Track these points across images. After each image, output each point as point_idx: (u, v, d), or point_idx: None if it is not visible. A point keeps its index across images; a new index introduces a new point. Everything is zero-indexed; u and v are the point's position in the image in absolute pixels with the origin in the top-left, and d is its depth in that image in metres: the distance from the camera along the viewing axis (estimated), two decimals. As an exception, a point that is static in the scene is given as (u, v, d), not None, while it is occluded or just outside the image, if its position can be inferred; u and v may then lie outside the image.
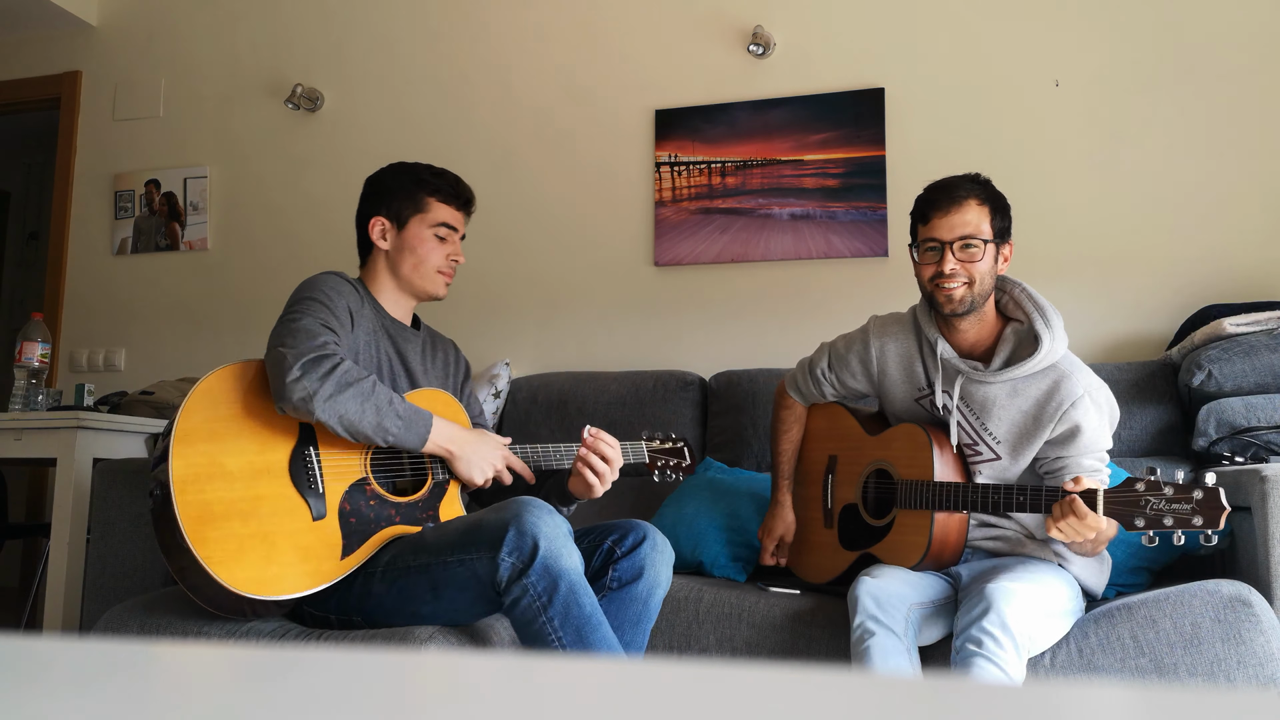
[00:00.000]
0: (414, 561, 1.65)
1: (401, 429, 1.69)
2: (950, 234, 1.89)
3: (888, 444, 2.04)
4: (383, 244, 1.94)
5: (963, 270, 1.88)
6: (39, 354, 2.87)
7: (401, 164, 2.01)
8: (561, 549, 1.54)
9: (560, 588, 1.51)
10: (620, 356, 3.14)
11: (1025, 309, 1.94)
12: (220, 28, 3.78)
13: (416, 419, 1.71)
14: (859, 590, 1.77)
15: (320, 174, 3.58)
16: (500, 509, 1.60)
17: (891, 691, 0.35)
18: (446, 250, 1.95)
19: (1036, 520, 1.92)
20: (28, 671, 0.37)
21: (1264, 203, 2.75)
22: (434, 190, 1.94)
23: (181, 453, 1.63)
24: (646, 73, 3.27)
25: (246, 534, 1.62)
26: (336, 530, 1.68)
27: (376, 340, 1.88)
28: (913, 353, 2.04)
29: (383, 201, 1.95)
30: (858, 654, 1.70)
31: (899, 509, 1.95)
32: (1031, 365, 1.87)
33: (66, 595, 2.60)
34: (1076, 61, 2.92)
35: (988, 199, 1.92)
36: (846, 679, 0.35)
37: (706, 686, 0.35)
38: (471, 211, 2.02)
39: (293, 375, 1.63)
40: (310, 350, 1.66)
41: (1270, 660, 1.68)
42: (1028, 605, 1.67)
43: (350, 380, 1.66)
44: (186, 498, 1.61)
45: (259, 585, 1.60)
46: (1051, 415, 1.86)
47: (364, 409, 1.65)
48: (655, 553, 1.73)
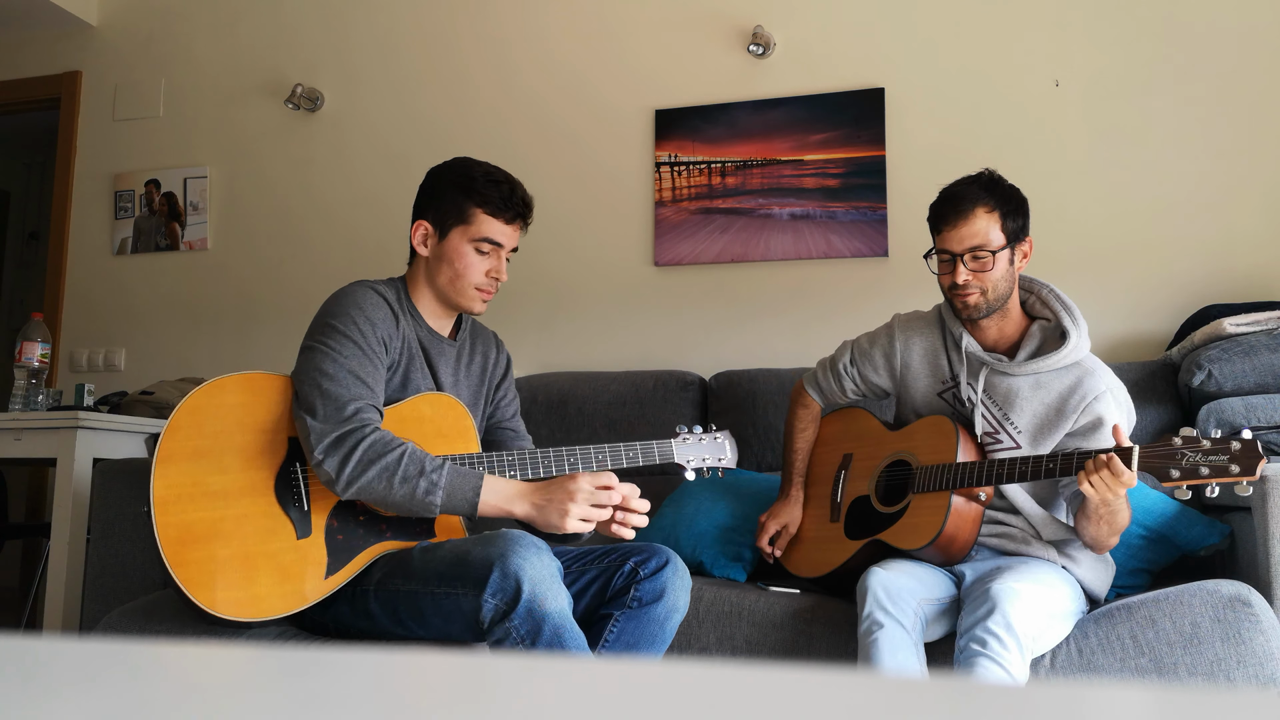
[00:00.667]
0: (403, 587, 1.60)
1: (443, 499, 1.62)
2: (960, 246, 1.91)
3: (909, 436, 2.05)
4: (423, 250, 1.84)
5: (975, 280, 1.91)
6: (39, 354, 2.87)
7: (460, 162, 1.87)
8: (547, 592, 1.48)
9: (544, 632, 1.47)
10: (620, 356, 3.14)
11: (1053, 308, 1.97)
12: (220, 28, 3.78)
13: (460, 485, 1.63)
14: (870, 581, 1.77)
15: (320, 174, 3.58)
16: (487, 543, 1.54)
17: (892, 691, 0.35)
18: (487, 266, 1.82)
19: (1043, 518, 1.92)
20: (28, 671, 0.37)
21: (1264, 203, 2.75)
22: (482, 201, 1.80)
23: (163, 473, 1.61)
24: (646, 73, 3.27)
25: (227, 555, 1.60)
26: (322, 548, 1.64)
27: (410, 354, 1.80)
28: (938, 347, 2.06)
29: (430, 204, 1.84)
30: (865, 645, 1.70)
31: (914, 494, 1.96)
32: (1058, 359, 1.90)
33: (66, 595, 2.60)
34: (1076, 61, 2.92)
35: (997, 203, 1.91)
36: (847, 679, 0.35)
37: (706, 686, 0.35)
38: (527, 224, 1.87)
39: (315, 459, 1.60)
40: (335, 427, 1.61)
41: (1270, 660, 1.68)
42: (1032, 606, 1.67)
43: (374, 456, 1.60)
44: (167, 519, 1.59)
45: (237, 607, 1.58)
46: (1075, 407, 1.89)
47: (391, 487, 1.59)
48: (676, 577, 1.71)
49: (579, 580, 1.73)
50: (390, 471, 1.59)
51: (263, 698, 0.34)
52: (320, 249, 3.51)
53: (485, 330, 2.03)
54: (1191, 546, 2.11)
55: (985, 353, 1.98)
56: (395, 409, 1.75)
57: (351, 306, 1.72)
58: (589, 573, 1.74)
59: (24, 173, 5.78)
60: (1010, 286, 1.95)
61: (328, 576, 1.64)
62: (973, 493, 1.89)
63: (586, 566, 1.75)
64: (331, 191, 3.55)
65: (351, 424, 1.62)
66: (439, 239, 1.82)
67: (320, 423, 1.62)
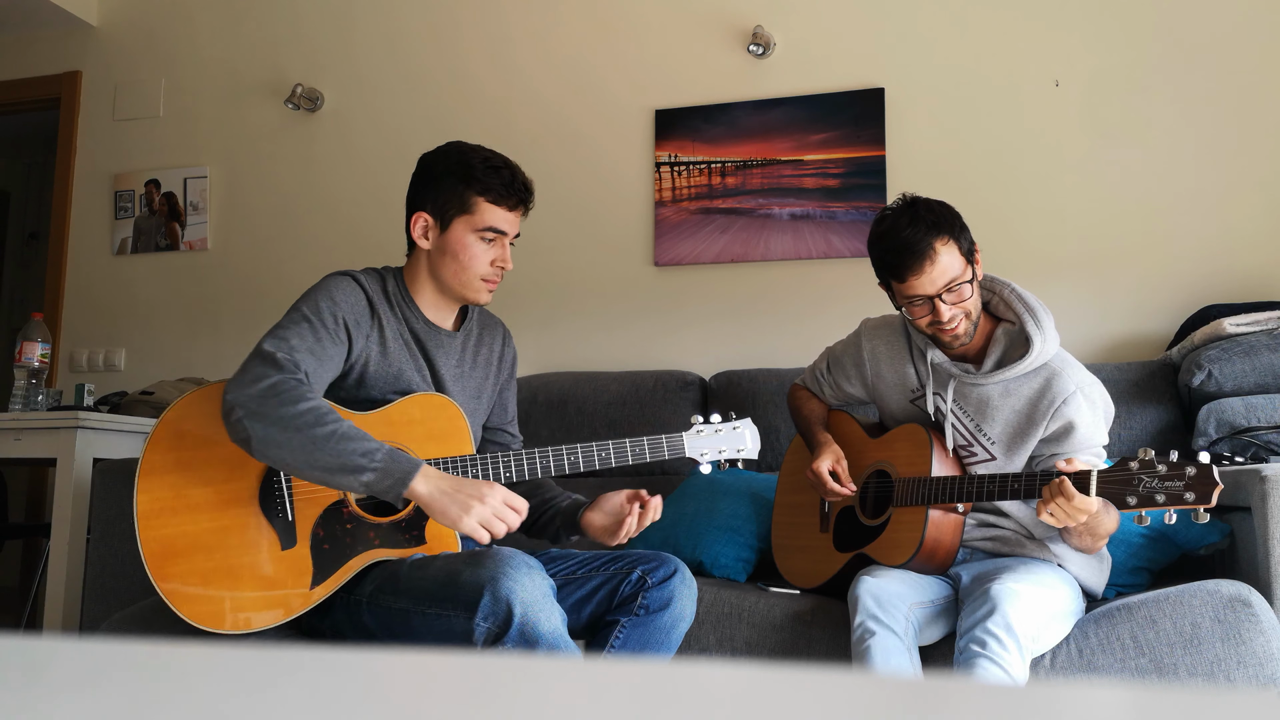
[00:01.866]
0: (395, 604, 1.57)
1: (347, 437, 1.52)
2: (934, 288, 1.84)
3: (889, 445, 2.04)
4: (424, 243, 1.78)
5: (958, 309, 1.86)
6: (39, 354, 2.87)
7: (457, 147, 1.80)
8: (539, 613, 1.44)
9: (539, 653, 1.44)
10: (620, 356, 3.14)
11: (1015, 310, 1.92)
12: (220, 28, 3.78)
13: (364, 441, 1.52)
14: (859, 590, 1.76)
15: (320, 174, 3.58)
16: (477, 563, 1.50)
17: (891, 691, 0.35)
18: (493, 255, 1.76)
19: (1032, 518, 1.92)
20: (28, 671, 0.37)
21: (1264, 203, 2.75)
22: (484, 189, 1.74)
23: (146, 487, 1.60)
24: (646, 73, 3.27)
25: (210, 568, 1.58)
26: (307, 558, 1.61)
27: (404, 344, 1.76)
28: (903, 355, 2.03)
29: (428, 195, 1.77)
30: (859, 653, 1.70)
31: (895, 507, 1.95)
32: (1023, 366, 1.87)
33: (66, 595, 2.60)
34: (1076, 61, 2.92)
35: (944, 230, 1.85)
36: (847, 679, 0.35)
37: (706, 686, 0.35)
38: (529, 209, 1.81)
39: (225, 414, 1.54)
40: (253, 362, 1.56)
41: (1270, 660, 1.68)
42: (1032, 606, 1.67)
43: (282, 392, 1.52)
44: (150, 534, 1.58)
45: (220, 620, 1.57)
46: (1044, 413, 1.86)
47: (283, 413, 1.51)
48: (684, 586, 1.70)
49: (584, 586, 1.72)
50: (279, 398, 1.51)
51: (263, 698, 0.34)
52: (320, 249, 3.51)
53: (494, 320, 1.97)
54: (1192, 545, 2.11)
55: (952, 364, 1.94)
56: (384, 412, 1.69)
57: (318, 291, 1.70)
58: (594, 579, 1.72)
59: (24, 173, 5.78)
60: (979, 300, 1.92)
61: (314, 587, 1.61)
62: (949, 505, 1.88)
63: (592, 573, 1.73)
64: (331, 192, 3.55)
65: (273, 363, 1.55)
66: (441, 231, 1.76)
67: (235, 386, 1.54)
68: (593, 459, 1.73)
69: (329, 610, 1.65)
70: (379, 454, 1.52)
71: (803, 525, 2.20)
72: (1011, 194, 2.93)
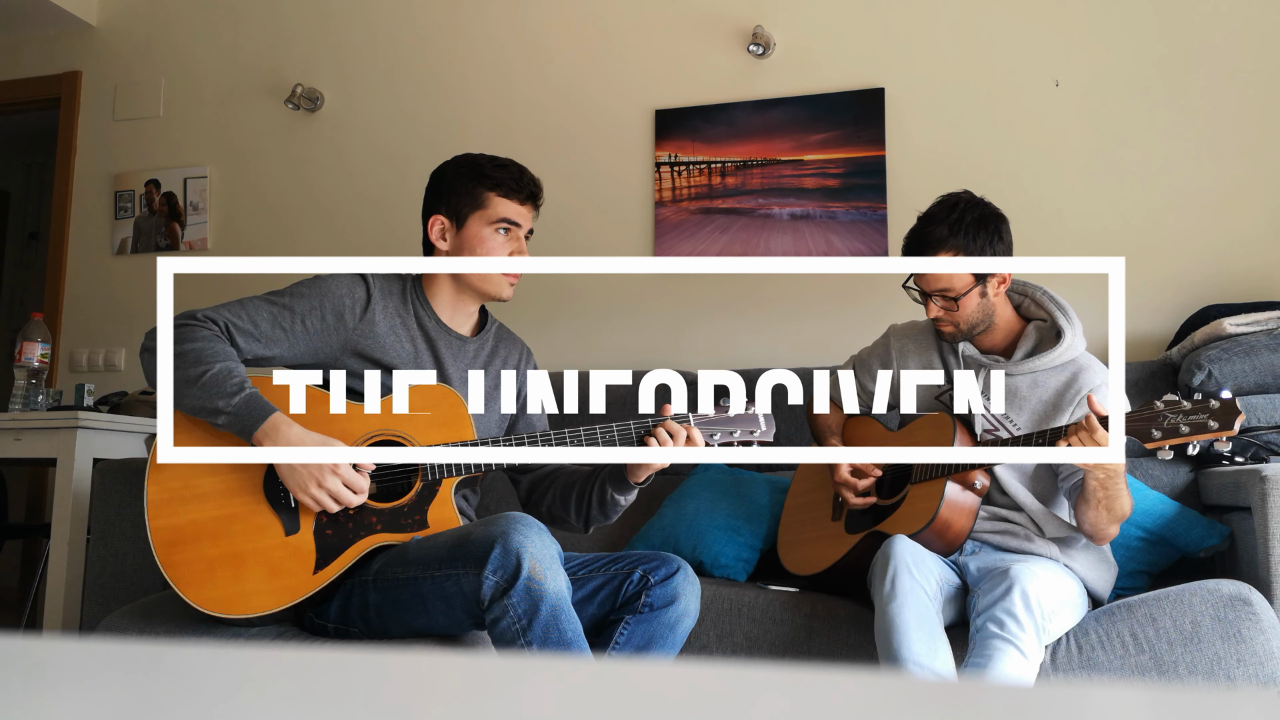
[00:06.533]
0: (401, 574, 1.61)
1: (213, 368, 1.65)
2: (929, 287, 1.97)
3: (910, 434, 2.06)
4: (442, 245, 1.84)
5: (946, 316, 1.96)
6: (39, 354, 2.87)
7: (464, 156, 1.89)
8: (546, 571, 1.48)
9: (541, 611, 1.46)
10: (620, 356, 3.14)
11: (1047, 308, 2.01)
12: (220, 28, 3.78)
13: (234, 377, 1.66)
14: (893, 548, 1.75)
15: (320, 174, 3.58)
16: (489, 523, 1.55)
17: (892, 691, 0.35)
18: (510, 248, 1.83)
19: (1045, 514, 1.92)
20: (28, 671, 0.37)
21: (1264, 203, 2.75)
22: (494, 184, 1.82)
23: (155, 478, 1.67)
24: (646, 73, 3.27)
25: (216, 554, 1.64)
26: (310, 544, 1.66)
27: (412, 340, 1.82)
28: (932, 352, 2.09)
29: (442, 198, 1.85)
30: (890, 606, 1.67)
31: (912, 485, 1.96)
32: (1054, 356, 1.93)
33: (66, 596, 2.60)
34: (1076, 61, 2.92)
35: (964, 242, 1.92)
36: (847, 679, 0.35)
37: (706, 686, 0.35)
38: (539, 205, 1.88)
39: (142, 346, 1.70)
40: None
41: (1270, 659, 1.68)
42: (1048, 589, 1.69)
43: (180, 336, 1.66)
44: (159, 523, 1.64)
45: (226, 604, 1.62)
46: (1070, 400, 1.91)
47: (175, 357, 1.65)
48: (688, 584, 1.71)
49: (585, 586, 1.73)
50: (176, 340, 1.65)
51: (263, 698, 0.34)
52: (320, 249, 3.51)
53: (515, 339, 2.01)
54: (1191, 548, 2.11)
55: (982, 355, 2.02)
56: (385, 402, 1.75)
57: (296, 287, 1.81)
58: (595, 580, 1.73)
59: (24, 173, 5.78)
60: (987, 314, 1.98)
61: (317, 571, 1.65)
62: (969, 480, 1.88)
63: (593, 574, 1.74)
64: (331, 192, 3.55)
65: (189, 315, 1.70)
66: (457, 229, 1.83)
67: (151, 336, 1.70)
68: (595, 437, 1.74)
69: (330, 598, 1.68)
70: (236, 398, 1.62)
71: (813, 519, 2.21)
72: (1011, 194, 2.90)
